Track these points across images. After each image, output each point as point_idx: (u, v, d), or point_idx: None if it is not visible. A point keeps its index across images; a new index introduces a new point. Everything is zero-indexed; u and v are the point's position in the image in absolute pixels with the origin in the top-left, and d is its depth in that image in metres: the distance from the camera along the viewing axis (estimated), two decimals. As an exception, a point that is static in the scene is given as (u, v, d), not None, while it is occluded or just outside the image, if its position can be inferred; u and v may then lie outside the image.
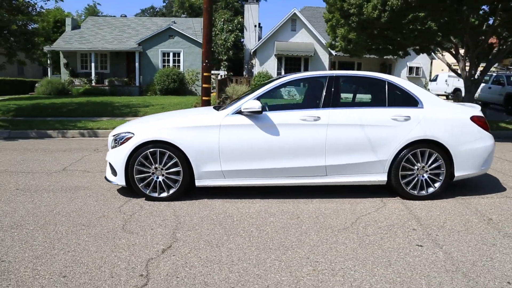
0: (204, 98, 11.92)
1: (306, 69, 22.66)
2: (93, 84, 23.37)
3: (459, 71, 12.14)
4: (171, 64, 23.85)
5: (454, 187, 4.91)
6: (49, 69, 24.37)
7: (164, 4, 43.36)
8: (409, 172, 4.45)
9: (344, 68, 24.83)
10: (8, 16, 12.37)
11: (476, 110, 4.72)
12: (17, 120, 12.57)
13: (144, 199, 4.53)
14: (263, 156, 4.39)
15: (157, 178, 4.47)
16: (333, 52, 18.00)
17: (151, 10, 51.62)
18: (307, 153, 4.37)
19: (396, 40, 10.78)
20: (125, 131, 4.63)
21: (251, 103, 4.35)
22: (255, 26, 23.46)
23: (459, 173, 4.50)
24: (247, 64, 24.66)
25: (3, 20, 12.12)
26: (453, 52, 11.95)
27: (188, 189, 4.61)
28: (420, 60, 23.00)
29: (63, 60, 24.88)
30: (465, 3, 8.99)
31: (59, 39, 25.24)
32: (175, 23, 25.41)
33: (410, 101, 4.58)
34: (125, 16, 29.41)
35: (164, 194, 4.48)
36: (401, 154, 4.40)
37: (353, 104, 5.06)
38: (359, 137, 4.37)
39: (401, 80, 4.73)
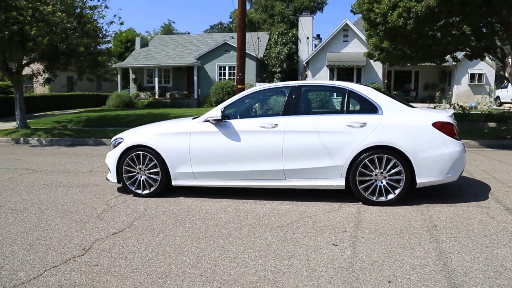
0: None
1: (358, 80, 22.31)
2: (156, 97, 25.56)
3: (507, 75, 11.23)
4: (226, 77, 25.14)
5: (435, 195, 4.84)
6: (119, 84, 27.18)
7: (231, 20, 45.55)
8: (367, 178, 4.53)
9: (399, 77, 23.93)
10: (78, 39, 14.32)
11: (442, 116, 4.62)
12: (83, 130, 14.47)
13: (132, 195, 5.22)
14: (226, 159, 4.83)
15: (141, 177, 5.15)
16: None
17: (219, 26, 54.44)
18: (266, 157, 4.71)
19: (429, 46, 10.40)
20: (118, 137, 5.40)
21: (214, 111, 4.85)
22: (307, 38, 23.78)
23: (421, 179, 4.45)
24: (301, 76, 25.00)
25: (73, 43, 14.06)
26: (499, 56, 11.10)
27: (170, 188, 5.20)
28: (483, 66, 21.26)
29: (131, 76, 27.64)
30: (497, 3, 8.46)
31: (129, 57, 28.10)
32: (233, 38, 26.76)
33: (370, 108, 4.67)
34: (189, 33, 31.69)
35: (146, 191, 5.13)
36: (358, 159, 4.50)
37: (313, 112, 5.19)
38: (315, 143, 4.58)
39: (363, 88, 4.83)
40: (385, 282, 2.72)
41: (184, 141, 4.96)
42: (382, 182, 4.51)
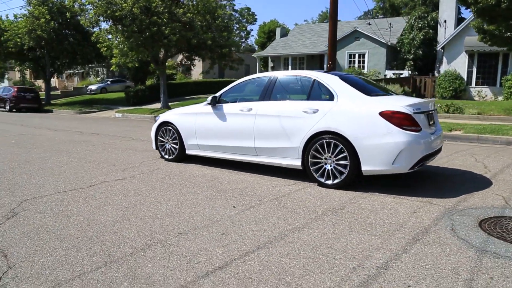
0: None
1: (505, 66, 18.72)
2: (288, 84, 27.15)
3: None
4: (356, 65, 24.77)
5: (418, 187, 4.78)
6: (257, 71, 29.87)
7: (382, 4, 43.30)
8: (318, 160, 4.84)
9: None
10: (206, 35, 16.96)
11: (397, 104, 4.46)
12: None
13: (163, 159, 6.79)
14: (217, 135, 5.84)
15: (168, 145, 6.65)
16: None
17: (373, 11, 52.27)
18: (242, 136, 5.51)
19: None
20: (159, 115, 7.01)
21: (210, 97, 5.89)
22: (445, 21, 21.16)
23: (366, 167, 4.51)
24: (439, 63, 22.55)
25: (202, 38, 16.75)
26: None
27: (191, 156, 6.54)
28: None
29: (270, 64, 29.99)
30: None
31: (268, 47, 30.48)
32: (369, 24, 26.02)
33: (328, 95, 4.89)
34: (340, 21, 31.93)
35: (171, 157, 6.62)
36: (311, 143, 4.85)
37: (282, 98, 5.45)
38: (277, 126, 5.13)
39: (327, 77, 5.01)
40: (247, 232, 3.41)
41: (192, 119, 6.19)
42: (330, 166, 4.76)
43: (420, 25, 22.06)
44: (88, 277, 2.71)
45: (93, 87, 35.80)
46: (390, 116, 4.39)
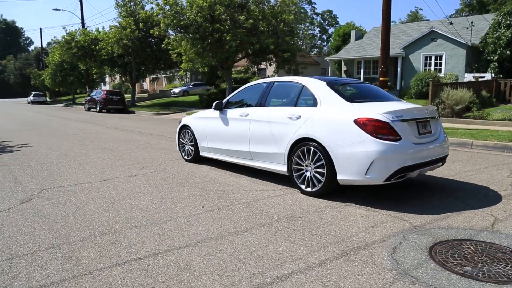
0: (379, 101, 12.34)
1: None
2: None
3: None
4: (432, 67, 22.95)
5: (399, 198, 4.55)
6: (329, 75, 29.34)
7: (468, 1, 39.20)
8: (300, 167, 4.80)
9: None
10: (268, 40, 17.35)
11: (375, 112, 4.21)
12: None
13: (183, 160, 7.28)
14: (222, 139, 6.12)
15: (187, 147, 7.12)
16: None
17: (458, 10, 47.68)
18: (240, 140, 5.69)
19: None
20: (181, 119, 7.52)
21: (215, 102, 6.18)
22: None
23: (341, 176, 4.36)
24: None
25: (265, 43, 17.17)
26: None
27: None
28: None
29: (343, 68, 29.25)
30: None
31: (342, 50, 29.76)
32: (451, 23, 23.94)
33: (312, 102, 4.82)
34: (428, 20, 30.10)
35: (188, 158, 7.08)
36: (294, 149, 4.84)
37: (274, 104, 5.43)
38: (267, 131, 5.21)
39: (314, 83, 4.91)
40: (191, 231, 3.68)
41: (204, 123, 6.56)
42: (310, 173, 4.70)
43: (508, 22, 19.60)
44: (36, 254, 3.20)
45: (177, 90, 38.65)
46: (365, 124, 4.21)
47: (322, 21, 53.98)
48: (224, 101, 6.31)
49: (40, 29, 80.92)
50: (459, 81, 18.66)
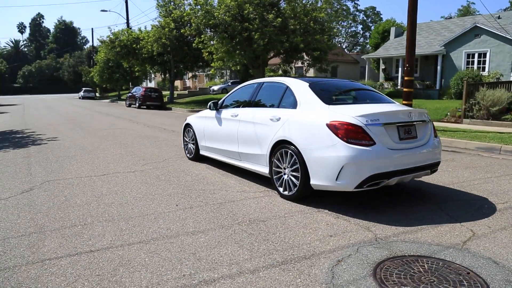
0: (404, 102, 11.91)
1: None
2: (398, 87, 25.25)
3: None
4: (475, 66, 21.54)
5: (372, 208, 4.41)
6: (366, 73, 28.50)
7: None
8: (279, 170, 4.76)
9: None
10: (297, 38, 17.20)
11: (347, 115, 4.07)
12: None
13: (187, 158, 7.48)
14: (216, 139, 6.21)
15: (189, 145, 7.30)
16: None
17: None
18: (230, 140, 5.75)
19: None
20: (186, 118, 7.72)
21: (210, 103, 6.28)
22: None
23: (314, 181, 4.25)
24: None
25: (294, 41, 17.06)
26: None
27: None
28: None
29: (381, 66, 28.27)
30: None
31: (381, 47, 28.74)
32: (499, 18, 22.35)
33: (293, 103, 4.75)
34: (450, 17, 28.47)
35: (190, 156, 7.25)
36: (274, 151, 4.81)
37: (261, 105, 5.40)
38: (252, 132, 5.21)
39: (298, 84, 4.83)
40: (151, 228, 3.83)
41: (202, 122, 6.69)
42: (287, 177, 4.64)
43: None
44: (6, 241, 3.49)
45: (215, 87, 39.39)
46: (336, 128, 4.09)
47: (365, 18, 52.29)
48: (220, 101, 6.40)
49: (92, 29, 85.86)
50: (501, 80, 17.35)
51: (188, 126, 7.30)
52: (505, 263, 3.03)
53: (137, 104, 27.11)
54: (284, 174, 4.71)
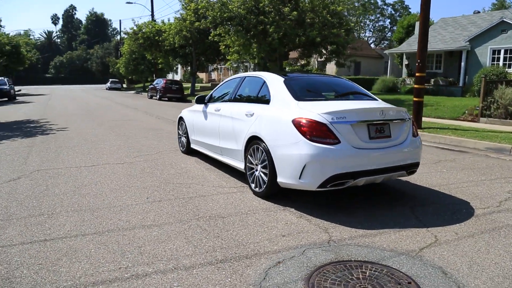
0: (415, 99, 11.56)
1: None
2: (419, 83, 24.41)
3: None
4: (500, 62, 20.48)
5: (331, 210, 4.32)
6: (389, 68, 27.69)
7: None
8: (252, 166, 4.72)
9: None
10: (313, 32, 16.91)
11: (313, 112, 3.97)
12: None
13: (180, 151, 7.55)
14: (202, 133, 6.25)
15: (182, 138, 7.37)
16: None
17: None
18: (213, 135, 5.76)
19: None
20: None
21: (196, 97, 6.31)
22: None
23: (280, 179, 4.18)
24: None
25: (310, 35, 16.78)
26: None
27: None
28: None
29: (404, 61, 27.38)
30: None
31: (404, 42, 27.83)
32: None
33: (267, 99, 4.70)
34: (478, 12, 27.16)
35: (182, 150, 7.33)
36: (248, 147, 4.77)
37: (241, 99, 5.38)
38: (230, 127, 5.20)
39: (274, 79, 4.77)
40: (110, 220, 3.92)
41: (192, 116, 6.74)
42: (258, 173, 4.60)
43: None
44: (-28, 228, 3.64)
45: (237, 80, 39.37)
46: (301, 125, 4.00)
47: (393, 12, 50.63)
48: (209, 95, 6.41)
49: (120, 20, 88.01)
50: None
51: (180, 119, 7.37)
52: (454, 274, 2.90)
53: (158, 96, 27.54)
54: (256, 170, 4.67)
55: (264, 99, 4.84)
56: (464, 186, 5.37)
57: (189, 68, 34.00)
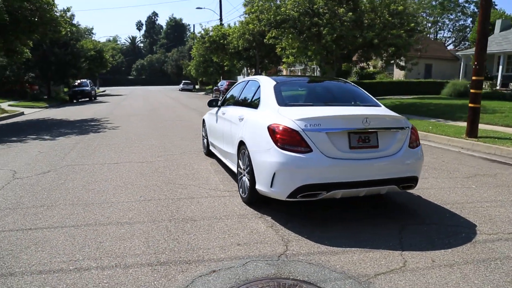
0: (470, 105, 10.54)
1: None
2: (497, 87, 22.05)
3: None
4: None
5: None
6: (461, 71, 25.33)
7: None
8: (241, 171, 4.72)
9: None
10: (370, 33, 16.19)
11: (288, 118, 3.84)
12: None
13: (203, 152, 7.80)
14: (214, 135, 6.42)
15: (204, 140, 7.63)
16: None
17: None
18: (220, 138, 5.89)
19: None
20: (206, 115, 8.05)
21: (208, 100, 6.49)
22: None
23: (258, 185, 4.10)
24: None
25: (368, 37, 16.08)
26: None
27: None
28: None
29: (483, 63, 24.85)
30: None
31: (483, 42, 25.21)
32: None
33: (258, 103, 4.68)
34: None
35: (205, 151, 7.59)
36: (238, 151, 4.78)
37: (241, 103, 5.38)
38: (228, 131, 5.30)
39: (266, 82, 4.70)
40: (94, 216, 4.28)
41: (209, 118, 6.95)
42: (245, 178, 4.59)
43: None
44: (-17, 213, 4.22)
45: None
46: (274, 131, 3.90)
47: (475, 10, 45.77)
48: (223, 98, 6.58)
49: (193, 25, 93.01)
50: None
51: (203, 122, 7.62)
52: (395, 303, 2.65)
53: (221, 97, 28.53)
54: (243, 176, 4.69)
55: (254, 104, 4.84)
56: (483, 207, 4.78)
57: (253, 70, 34.63)
